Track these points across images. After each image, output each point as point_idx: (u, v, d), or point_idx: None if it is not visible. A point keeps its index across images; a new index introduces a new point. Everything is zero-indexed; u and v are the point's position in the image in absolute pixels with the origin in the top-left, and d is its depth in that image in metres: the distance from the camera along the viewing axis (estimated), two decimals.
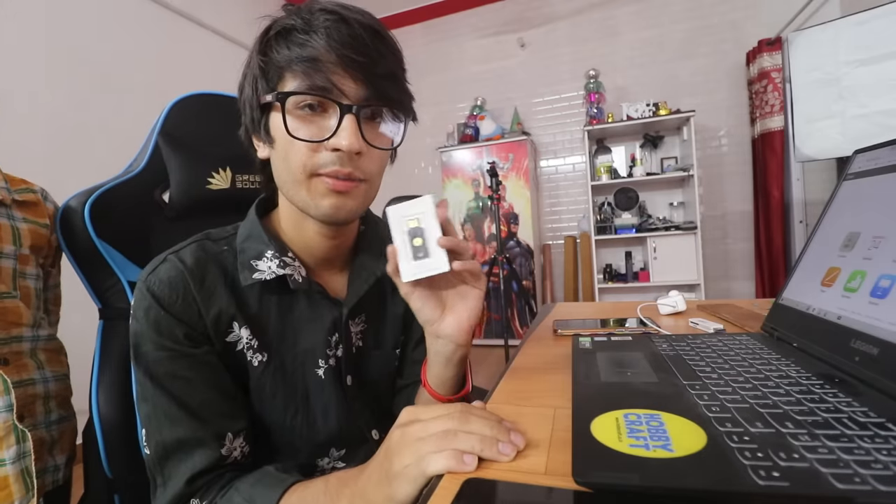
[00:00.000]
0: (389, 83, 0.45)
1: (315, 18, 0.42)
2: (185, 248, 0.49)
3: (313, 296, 0.52)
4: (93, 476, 0.59)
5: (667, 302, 0.80)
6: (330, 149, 0.43)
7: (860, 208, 0.48)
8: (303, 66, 0.42)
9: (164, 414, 0.44)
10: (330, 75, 0.42)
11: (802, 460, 0.25)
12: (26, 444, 0.63)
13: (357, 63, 0.42)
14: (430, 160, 3.78)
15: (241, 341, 0.48)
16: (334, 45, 0.41)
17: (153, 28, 2.37)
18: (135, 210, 0.64)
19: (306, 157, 0.44)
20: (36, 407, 0.72)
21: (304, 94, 0.42)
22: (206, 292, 0.47)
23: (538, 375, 0.52)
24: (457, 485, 0.30)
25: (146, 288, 0.46)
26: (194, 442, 0.43)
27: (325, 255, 0.54)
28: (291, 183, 0.46)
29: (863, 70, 2.26)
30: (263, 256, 0.49)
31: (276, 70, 0.44)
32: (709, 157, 3.18)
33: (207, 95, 0.71)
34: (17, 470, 0.62)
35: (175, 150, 0.66)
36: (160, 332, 0.45)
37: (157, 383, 0.44)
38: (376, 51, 0.43)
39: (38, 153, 1.80)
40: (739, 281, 3.18)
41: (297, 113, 0.44)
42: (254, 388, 0.50)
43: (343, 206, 0.46)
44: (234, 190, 0.69)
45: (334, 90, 0.42)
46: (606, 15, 3.38)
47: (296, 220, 0.51)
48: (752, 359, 0.45)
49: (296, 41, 0.42)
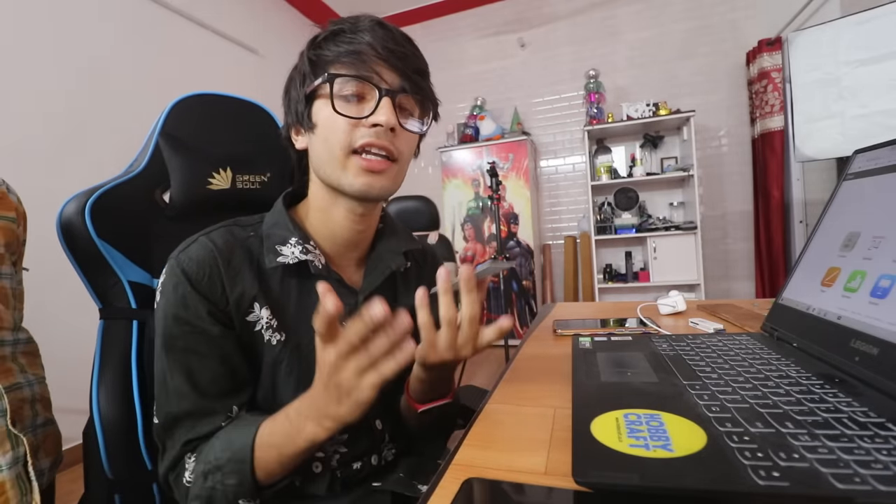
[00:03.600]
0: (420, 79, 0.52)
1: (360, 23, 0.50)
2: (216, 231, 0.53)
3: (332, 283, 0.54)
4: (93, 476, 0.59)
5: (667, 302, 0.80)
6: (369, 125, 0.48)
7: (860, 208, 0.48)
8: (350, 58, 0.49)
9: (175, 387, 0.48)
10: (372, 65, 0.49)
11: (802, 460, 0.25)
12: (20, 449, 0.62)
13: (395, 55, 0.49)
14: (431, 160, 3.78)
15: (260, 321, 0.51)
16: (377, 41, 0.48)
17: (153, 28, 2.37)
18: (135, 210, 0.64)
19: (347, 135, 0.49)
20: (24, 411, 0.69)
21: (350, 77, 0.49)
22: (232, 272, 0.50)
23: (538, 375, 0.52)
24: (457, 485, 0.30)
25: (177, 264, 0.49)
26: (200, 415, 0.48)
27: (347, 242, 0.57)
28: (330, 161, 0.50)
29: (863, 70, 2.26)
30: (288, 242, 0.53)
31: (324, 65, 0.50)
32: (709, 157, 3.18)
33: (208, 96, 0.71)
34: (13, 475, 0.61)
35: (176, 151, 0.66)
36: (186, 306, 0.48)
37: (173, 357, 0.48)
38: (411, 51, 0.51)
39: (37, 153, 1.80)
40: (739, 281, 3.18)
41: (341, 97, 0.49)
42: (270, 365, 0.52)
43: (375, 183, 0.50)
44: (234, 190, 0.69)
45: (375, 76, 0.49)
46: (606, 15, 3.38)
47: (324, 206, 0.55)
48: (752, 359, 0.45)
49: (344, 40, 0.49)
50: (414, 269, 0.65)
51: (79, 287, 0.64)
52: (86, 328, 0.89)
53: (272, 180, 0.72)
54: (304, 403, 0.43)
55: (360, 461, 0.55)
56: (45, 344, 0.79)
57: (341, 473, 0.54)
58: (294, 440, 0.42)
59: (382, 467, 0.58)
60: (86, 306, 0.75)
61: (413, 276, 0.64)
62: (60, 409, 0.93)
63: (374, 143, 0.49)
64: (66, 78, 1.94)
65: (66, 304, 1.69)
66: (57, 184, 1.89)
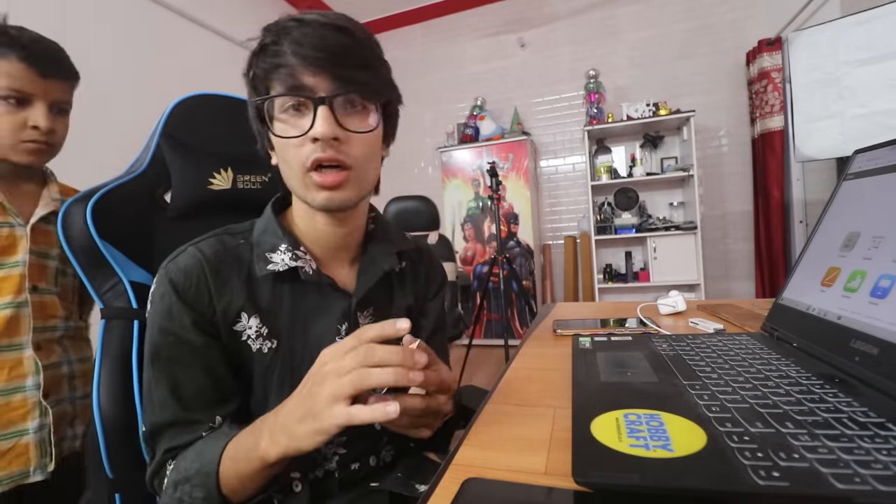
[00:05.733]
0: (357, 72, 0.48)
1: (281, 30, 0.47)
2: (205, 241, 0.52)
3: (324, 287, 0.55)
4: (95, 476, 0.59)
5: (667, 302, 0.80)
6: (311, 140, 0.47)
7: (860, 208, 0.48)
8: (277, 74, 0.47)
9: (159, 398, 0.48)
10: (299, 76, 0.46)
11: (802, 460, 0.25)
12: (46, 419, 0.76)
13: (318, 59, 0.46)
14: (430, 160, 3.78)
15: (246, 331, 0.51)
16: (299, 48, 0.45)
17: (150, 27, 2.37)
18: (137, 210, 0.64)
19: (298, 153, 0.48)
20: (62, 385, 0.81)
21: (278, 97, 0.47)
22: (220, 282, 0.50)
23: (538, 375, 0.52)
24: (457, 485, 0.30)
25: (165, 274, 0.49)
26: (182, 424, 0.48)
27: (335, 246, 0.57)
28: (293, 180, 0.50)
29: (863, 70, 2.25)
30: (277, 249, 0.53)
31: (262, 84, 0.49)
32: (709, 157, 3.18)
33: (209, 96, 0.71)
34: (37, 439, 0.75)
35: (176, 151, 0.66)
36: (171, 317, 0.48)
37: (158, 367, 0.48)
38: (338, 44, 0.47)
39: None
40: (739, 281, 3.18)
41: (283, 117, 0.48)
42: (261, 374, 0.52)
43: (335, 197, 0.49)
44: (235, 190, 0.69)
45: (305, 88, 0.46)
46: (606, 15, 3.38)
47: (306, 215, 0.55)
48: (752, 359, 0.45)
49: (270, 53, 0.47)
50: (410, 269, 0.64)
51: None
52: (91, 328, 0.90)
53: (273, 180, 0.72)
54: (271, 415, 0.43)
55: (358, 462, 0.55)
56: None
57: (339, 474, 0.54)
58: (248, 455, 0.42)
59: (381, 468, 0.58)
60: None
61: (409, 276, 0.64)
62: None
63: (321, 158, 0.47)
64: None
65: None
66: None
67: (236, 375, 0.51)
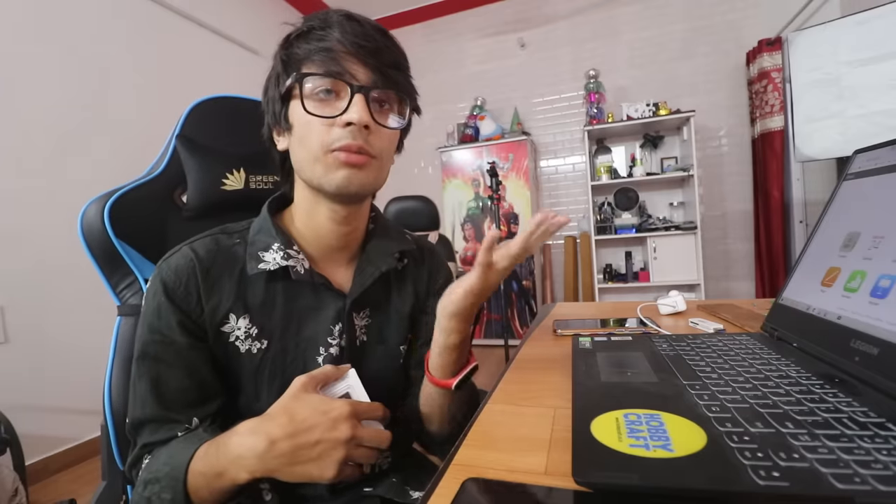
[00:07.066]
0: (395, 72, 0.50)
1: (330, 18, 0.49)
2: (200, 240, 0.53)
3: (318, 287, 0.55)
4: (109, 468, 0.61)
5: (667, 302, 0.80)
6: (342, 124, 0.47)
7: (860, 208, 0.48)
8: (320, 55, 0.47)
9: (141, 394, 0.48)
10: (343, 62, 0.47)
11: (802, 460, 0.25)
12: None
13: (366, 50, 0.48)
14: (430, 160, 3.78)
15: (235, 332, 0.51)
16: (347, 36, 0.47)
17: (153, 29, 2.37)
18: (153, 210, 0.66)
19: (322, 134, 0.48)
20: None
21: (319, 75, 0.48)
22: (210, 282, 0.51)
23: (538, 375, 0.52)
24: (457, 485, 0.30)
25: (158, 273, 0.50)
26: (161, 422, 0.49)
27: (334, 244, 0.56)
28: (308, 161, 0.50)
29: (863, 70, 2.25)
30: (270, 248, 0.53)
31: (296, 63, 0.49)
32: (709, 157, 3.18)
33: (223, 98, 0.72)
34: None
35: (192, 153, 0.67)
36: (159, 316, 0.49)
37: (143, 363, 0.49)
38: (384, 43, 0.49)
39: (37, 153, 1.80)
40: (739, 281, 3.18)
41: (313, 97, 0.49)
42: (251, 374, 0.52)
43: (354, 178, 0.49)
44: (247, 190, 0.70)
45: (346, 74, 0.47)
46: (606, 15, 3.38)
47: (309, 208, 0.54)
48: (752, 359, 0.45)
49: (314, 37, 0.48)
50: (411, 268, 0.64)
51: (97, 286, 0.66)
52: (98, 325, 0.90)
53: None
54: (235, 441, 0.43)
55: None
56: (67, 338, 0.79)
57: None
58: (219, 474, 0.42)
59: (376, 474, 0.57)
60: (100, 305, 0.75)
61: (410, 276, 0.63)
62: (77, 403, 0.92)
63: (350, 144, 0.47)
64: (69, 79, 1.94)
65: (82, 302, 1.69)
66: (57, 183, 1.90)
67: (223, 376, 0.52)
